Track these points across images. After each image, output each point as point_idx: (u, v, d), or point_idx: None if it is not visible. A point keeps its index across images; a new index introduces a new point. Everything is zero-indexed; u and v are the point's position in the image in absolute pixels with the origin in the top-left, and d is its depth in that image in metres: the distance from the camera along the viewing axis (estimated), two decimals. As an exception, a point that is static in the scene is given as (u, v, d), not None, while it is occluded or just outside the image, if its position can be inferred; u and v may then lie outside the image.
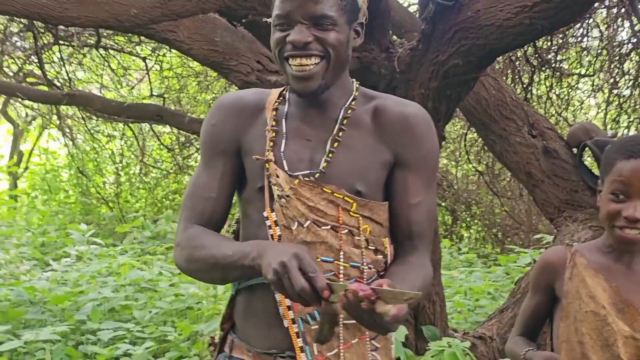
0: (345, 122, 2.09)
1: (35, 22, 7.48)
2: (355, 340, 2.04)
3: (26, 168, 13.22)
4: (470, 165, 9.71)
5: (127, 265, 6.58)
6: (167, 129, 11.49)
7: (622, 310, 2.27)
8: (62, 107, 10.41)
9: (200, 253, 2.07)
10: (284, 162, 2.07)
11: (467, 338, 4.65)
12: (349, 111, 2.11)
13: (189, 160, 12.12)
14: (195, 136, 10.26)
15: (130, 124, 10.46)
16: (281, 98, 2.19)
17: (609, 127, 8.64)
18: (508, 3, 3.90)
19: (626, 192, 2.24)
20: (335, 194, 2.04)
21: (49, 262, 7.30)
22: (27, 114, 13.02)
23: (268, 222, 2.06)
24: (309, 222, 2.03)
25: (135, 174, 12.64)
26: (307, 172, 2.06)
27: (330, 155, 2.06)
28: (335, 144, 2.07)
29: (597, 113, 9.84)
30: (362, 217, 2.06)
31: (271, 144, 2.09)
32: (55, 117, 11.03)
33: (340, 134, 2.09)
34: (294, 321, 2.04)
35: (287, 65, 2.04)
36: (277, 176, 2.05)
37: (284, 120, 2.13)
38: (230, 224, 2.32)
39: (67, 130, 11.35)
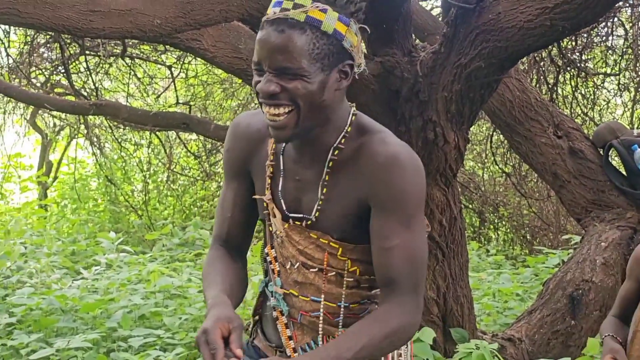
0: (331, 164, 2.06)
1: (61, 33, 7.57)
2: None
3: (55, 178, 13.33)
4: (496, 167, 9.67)
5: (156, 272, 6.62)
6: (194, 136, 11.56)
7: None
8: (90, 117, 10.51)
9: (204, 283, 2.19)
10: (282, 201, 2.12)
11: (496, 340, 4.65)
12: (337, 152, 2.06)
13: (216, 167, 12.17)
14: (222, 143, 10.32)
15: (157, 132, 10.54)
16: None
17: (635, 126, 8.59)
18: (529, 5, 3.91)
19: None
20: (321, 239, 2.08)
21: (79, 271, 7.36)
22: (55, 124, 13.11)
23: (268, 258, 2.19)
24: (298, 263, 2.12)
25: (163, 181, 12.70)
26: (300, 215, 2.11)
27: (320, 203, 2.07)
28: (324, 190, 2.07)
29: (624, 112, 9.78)
30: (350, 260, 2.09)
31: (269, 181, 2.14)
32: (83, 127, 11.12)
33: (327, 177, 2.06)
34: (295, 350, 2.16)
35: (264, 112, 2.00)
36: (274, 215, 2.13)
37: (281, 157, 2.13)
38: None
39: (95, 139, 11.44)
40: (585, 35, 7.73)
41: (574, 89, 8.17)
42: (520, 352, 4.71)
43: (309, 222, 2.08)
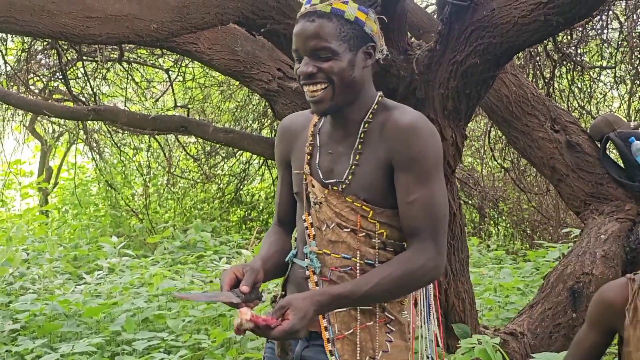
0: (362, 136, 2.40)
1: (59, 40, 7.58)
2: (370, 323, 2.39)
3: (56, 184, 13.35)
4: (495, 163, 9.69)
5: (159, 275, 6.65)
6: (193, 139, 11.57)
7: None
8: (89, 122, 10.51)
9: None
10: (319, 172, 2.46)
11: (498, 334, 4.66)
12: (366, 125, 2.41)
13: (216, 169, 12.19)
14: (221, 145, 10.33)
15: (156, 136, 10.55)
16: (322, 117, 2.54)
17: (632, 118, 8.60)
18: (522, 1, 3.93)
19: None
20: (355, 203, 2.39)
21: (82, 276, 7.38)
22: (54, 130, 13.14)
23: (305, 224, 2.49)
24: (333, 224, 2.43)
25: (163, 185, 12.72)
26: (335, 181, 2.43)
27: (353, 167, 2.40)
28: (357, 157, 2.39)
29: (621, 105, 9.80)
30: (379, 222, 2.40)
31: (308, 157, 2.49)
32: (82, 133, 11.14)
33: (360, 147, 2.40)
34: None
35: (305, 91, 2.39)
36: (313, 186, 2.47)
37: (317, 136, 2.51)
38: None
39: (94, 144, 11.46)
40: (580, 29, 7.75)
41: (570, 83, 8.19)
42: (523, 346, 4.72)
43: (343, 186, 2.41)
